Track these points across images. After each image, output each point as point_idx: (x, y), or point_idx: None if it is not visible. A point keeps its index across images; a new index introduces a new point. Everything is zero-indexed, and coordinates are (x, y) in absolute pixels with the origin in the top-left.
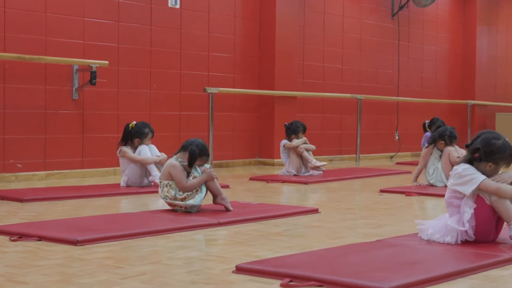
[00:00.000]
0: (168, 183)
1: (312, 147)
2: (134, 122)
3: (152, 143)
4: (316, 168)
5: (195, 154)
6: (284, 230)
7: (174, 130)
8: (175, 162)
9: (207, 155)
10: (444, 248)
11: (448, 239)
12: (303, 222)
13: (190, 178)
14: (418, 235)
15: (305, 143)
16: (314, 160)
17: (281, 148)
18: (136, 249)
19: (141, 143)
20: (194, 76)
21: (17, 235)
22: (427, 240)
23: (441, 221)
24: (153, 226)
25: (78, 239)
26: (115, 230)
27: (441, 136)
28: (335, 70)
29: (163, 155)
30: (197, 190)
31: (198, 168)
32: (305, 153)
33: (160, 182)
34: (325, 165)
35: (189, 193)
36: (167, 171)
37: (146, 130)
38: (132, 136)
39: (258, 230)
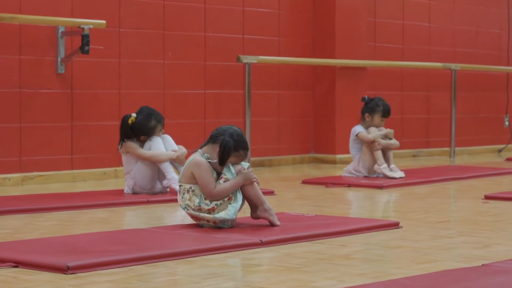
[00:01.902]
0: (191, 187)
1: (395, 143)
2: (134, 115)
3: (167, 134)
4: (386, 177)
5: (229, 147)
6: (352, 252)
7: (197, 116)
8: (200, 158)
9: (246, 148)
10: None
11: None
12: (379, 240)
13: (221, 181)
14: None
15: (386, 137)
16: (392, 166)
17: (352, 137)
18: (149, 278)
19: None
20: (223, 40)
21: None
22: None
23: None
24: (171, 247)
25: (69, 265)
26: (120, 253)
27: None
28: (419, 29)
29: (182, 150)
30: (230, 198)
31: (232, 168)
32: (378, 153)
33: (180, 186)
34: (402, 177)
35: (219, 202)
36: (189, 171)
37: (153, 122)
38: (135, 133)
39: (316, 251)
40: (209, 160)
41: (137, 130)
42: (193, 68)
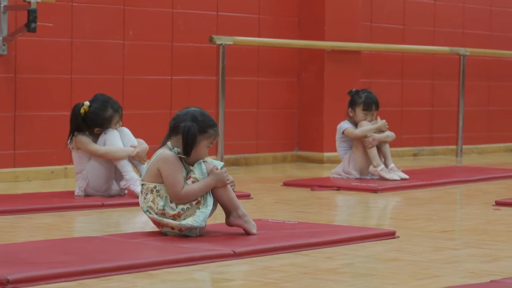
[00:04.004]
0: (155, 187)
1: (391, 135)
2: (87, 104)
3: (125, 126)
4: (383, 179)
5: (193, 133)
6: (341, 265)
7: (162, 106)
8: (169, 153)
9: (214, 125)
10: None
11: None
12: (373, 252)
13: (189, 181)
14: None
15: (380, 131)
16: (392, 166)
17: (338, 135)
18: None
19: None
20: (194, 17)
21: None
22: None
23: None
24: (129, 258)
25: (9, 278)
26: (69, 264)
27: None
28: (423, 7)
29: (143, 146)
30: (198, 202)
31: (203, 166)
32: (373, 151)
33: (143, 185)
34: (406, 179)
35: (185, 207)
36: (155, 167)
37: (109, 112)
38: (88, 125)
39: (298, 264)
40: (179, 155)
41: (90, 121)
42: (158, 50)
